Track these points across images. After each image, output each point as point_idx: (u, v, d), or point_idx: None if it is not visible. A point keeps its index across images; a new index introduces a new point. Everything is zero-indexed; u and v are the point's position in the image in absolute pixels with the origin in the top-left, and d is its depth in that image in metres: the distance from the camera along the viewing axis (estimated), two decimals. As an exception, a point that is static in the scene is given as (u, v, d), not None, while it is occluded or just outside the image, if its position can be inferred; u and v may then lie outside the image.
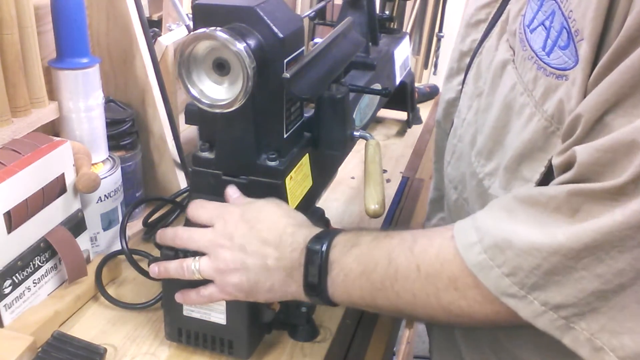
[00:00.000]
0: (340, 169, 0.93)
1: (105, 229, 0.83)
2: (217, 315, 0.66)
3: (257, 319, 0.68)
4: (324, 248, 0.58)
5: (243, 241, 0.60)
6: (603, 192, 0.44)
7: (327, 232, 0.61)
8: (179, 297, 0.65)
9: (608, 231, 0.43)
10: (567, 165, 0.47)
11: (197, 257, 0.62)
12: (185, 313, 0.67)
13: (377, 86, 1.05)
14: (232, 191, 0.65)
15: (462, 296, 0.51)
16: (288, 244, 0.60)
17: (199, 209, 0.64)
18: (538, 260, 0.46)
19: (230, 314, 0.66)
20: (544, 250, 0.46)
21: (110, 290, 0.78)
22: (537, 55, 0.51)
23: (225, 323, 0.66)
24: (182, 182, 0.96)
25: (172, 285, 0.65)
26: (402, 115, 1.34)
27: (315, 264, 0.58)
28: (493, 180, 0.58)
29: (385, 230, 0.59)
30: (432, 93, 1.51)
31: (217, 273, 0.61)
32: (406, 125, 1.34)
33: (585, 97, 0.46)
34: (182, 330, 0.69)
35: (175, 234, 0.64)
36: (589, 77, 0.46)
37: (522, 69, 0.54)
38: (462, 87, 0.69)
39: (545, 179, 0.52)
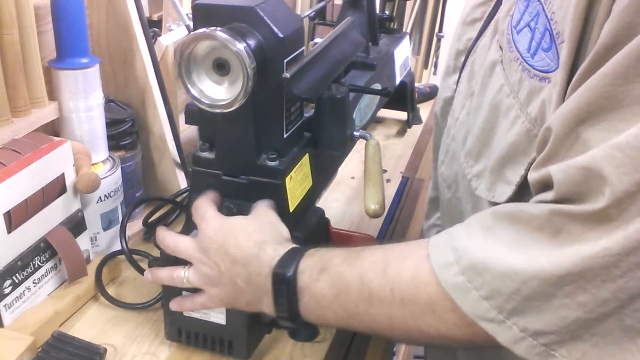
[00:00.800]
0: (340, 169, 0.93)
1: (105, 229, 0.83)
2: (217, 316, 0.66)
3: (257, 319, 0.68)
4: (290, 274, 0.56)
5: (217, 258, 0.60)
6: (585, 215, 0.42)
7: (292, 254, 0.58)
8: (174, 305, 0.66)
9: (591, 258, 0.41)
10: (543, 185, 0.46)
11: (187, 267, 0.63)
12: (185, 313, 0.67)
13: (377, 86, 1.05)
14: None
15: (440, 320, 0.49)
16: (254, 267, 0.59)
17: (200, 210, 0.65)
18: (517, 285, 0.44)
19: (230, 314, 0.66)
20: (523, 274, 0.44)
21: (110, 290, 0.78)
22: (522, 57, 0.51)
23: (225, 323, 0.66)
24: (182, 182, 0.96)
25: (172, 286, 0.65)
26: (402, 115, 1.34)
27: (284, 294, 0.57)
28: (480, 181, 0.58)
29: (356, 249, 0.57)
30: (432, 93, 1.51)
31: (203, 283, 0.62)
32: (406, 125, 1.34)
33: (564, 101, 0.44)
34: (182, 330, 0.69)
35: (164, 241, 0.64)
36: (568, 81, 0.44)
37: (509, 70, 0.53)
38: (457, 86, 0.68)
39: (525, 182, 0.50)
